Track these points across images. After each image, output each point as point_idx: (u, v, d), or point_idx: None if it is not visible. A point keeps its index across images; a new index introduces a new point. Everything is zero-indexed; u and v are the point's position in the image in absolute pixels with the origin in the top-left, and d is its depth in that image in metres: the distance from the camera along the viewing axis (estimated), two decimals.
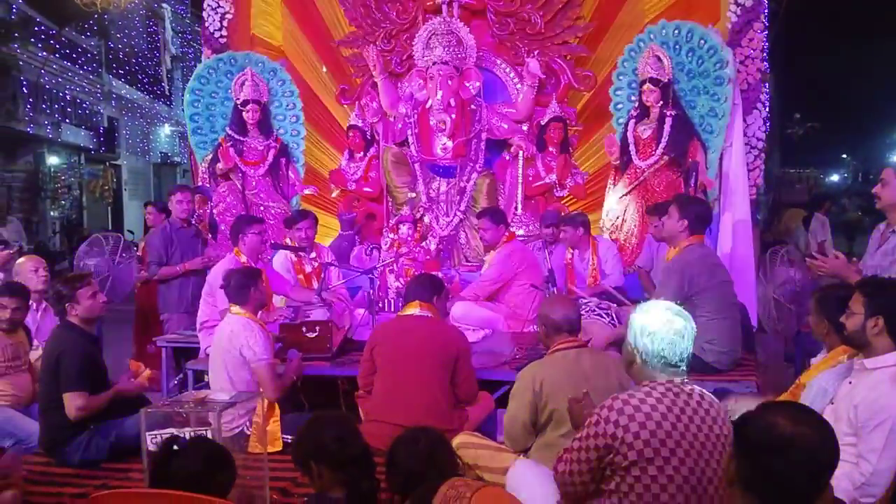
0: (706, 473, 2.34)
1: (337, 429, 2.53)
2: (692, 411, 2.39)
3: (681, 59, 6.58)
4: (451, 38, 6.84)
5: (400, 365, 3.89)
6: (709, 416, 2.41)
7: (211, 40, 7.86)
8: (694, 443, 2.34)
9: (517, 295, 5.65)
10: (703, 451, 2.35)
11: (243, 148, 7.16)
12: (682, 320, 2.56)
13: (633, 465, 2.31)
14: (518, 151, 7.04)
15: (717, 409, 2.47)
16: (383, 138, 7.31)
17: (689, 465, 2.31)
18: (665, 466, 2.30)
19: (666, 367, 2.49)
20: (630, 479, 2.31)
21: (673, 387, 2.44)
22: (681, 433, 2.34)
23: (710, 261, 4.76)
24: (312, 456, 2.56)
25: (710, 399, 2.48)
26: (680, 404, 2.39)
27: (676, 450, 2.31)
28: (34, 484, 3.57)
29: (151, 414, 3.09)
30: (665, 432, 2.32)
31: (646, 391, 2.43)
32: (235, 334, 4.08)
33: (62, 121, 15.33)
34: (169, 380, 5.62)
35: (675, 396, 2.41)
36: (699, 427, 2.37)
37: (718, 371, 4.48)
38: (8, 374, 4.35)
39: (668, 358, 2.49)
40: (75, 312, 3.97)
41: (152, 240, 6.31)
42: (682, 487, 2.29)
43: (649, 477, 2.30)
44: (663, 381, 2.45)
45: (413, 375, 3.85)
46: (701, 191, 6.50)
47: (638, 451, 2.30)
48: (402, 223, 6.66)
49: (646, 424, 2.32)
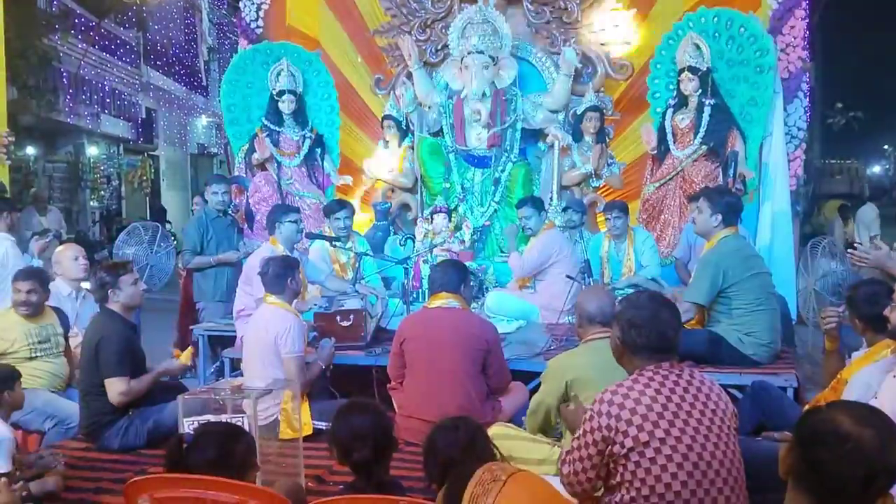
0: (706, 448, 2.35)
1: (359, 424, 2.54)
2: (682, 391, 2.41)
3: (720, 47, 6.48)
4: (486, 27, 6.79)
5: (431, 360, 3.89)
6: (701, 394, 2.43)
7: (247, 31, 7.91)
8: (689, 421, 2.36)
9: (553, 285, 5.61)
10: (700, 427, 2.37)
11: (279, 138, 7.20)
12: (668, 310, 2.59)
13: (631, 452, 2.32)
14: (553, 141, 6.98)
15: (710, 386, 2.49)
16: (418, 128, 7.29)
17: (686, 442, 2.33)
18: (662, 447, 2.31)
19: (653, 356, 2.51)
20: (631, 467, 2.33)
21: (660, 370, 2.46)
22: (673, 413, 2.36)
23: (746, 252, 4.71)
24: (331, 440, 2.61)
25: (699, 378, 2.50)
26: (669, 385, 2.41)
27: (671, 430, 2.33)
28: (74, 469, 3.62)
29: (188, 401, 3.11)
30: (656, 415, 2.34)
31: (633, 379, 2.46)
32: (270, 324, 4.10)
33: (101, 112, 15.52)
34: (206, 368, 5.67)
35: (662, 379, 2.43)
36: (692, 405, 2.39)
37: (757, 364, 4.42)
38: (38, 356, 4.42)
39: (657, 347, 2.51)
40: (117, 299, 4.03)
41: (188, 229, 6.37)
42: (683, 465, 2.30)
43: (648, 460, 2.31)
44: (651, 367, 2.47)
45: (444, 371, 3.85)
46: (740, 181, 6.41)
47: (633, 438, 2.33)
48: (436, 213, 6.64)
49: (636, 410, 2.35)
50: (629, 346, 2.55)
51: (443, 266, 4.21)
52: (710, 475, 2.33)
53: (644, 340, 2.51)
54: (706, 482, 2.32)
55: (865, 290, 3.34)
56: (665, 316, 2.56)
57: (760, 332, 4.44)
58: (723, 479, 2.35)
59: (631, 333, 2.54)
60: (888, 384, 2.95)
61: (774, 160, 6.52)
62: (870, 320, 3.21)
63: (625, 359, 2.60)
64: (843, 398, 3.24)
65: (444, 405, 3.72)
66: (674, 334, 2.55)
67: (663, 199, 6.65)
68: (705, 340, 4.46)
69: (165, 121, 19.37)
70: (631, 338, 2.54)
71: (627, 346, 2.56)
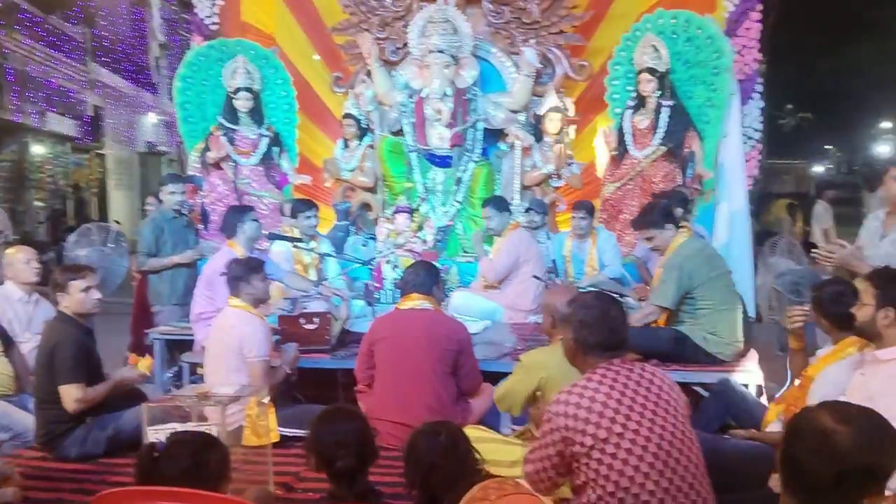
0: (664, 438, 2.39)
1: (343, 431, 2.48)
2: (635, 385, 2.46)
3: (678, 48, 6.54)
4: (446, 26, 6.76)
5: (401, 362, 3.84)
6: (654, 386, 2.49)
7: (201, 27, 7.76)
8: (644, 413, 2.41)
9: (518, 285, 5.61)
10: (656, 418, 2.41)
11: (235, 137, 7.08)
12: (616, 307, 2.67)
13: (592, 449, 2.36)
14: (515, 141, 6.98)
15: (661, 378, 2.54)
16: (378, 127, 7.23)
17: (643, 434, 2.37)
18: (621, 442, 2.35)
19: (605, 353, 2.56)
20: (594, 465, 2.36)
21: (612, 367, 2.51)
22: (628, 408, 2.40)
23: (708, 252, 4.80)
24: (310, 447, 2.53)
25: (650, 371, 2.56)
26: (622, 381, 2.46)
27: (628, 424, 2.37)
28: (31, 479, 3.49)
29: (153, 409, 3.02)
30: (613, 410, 2.38)
31: (587, 377, 2.50)
32: (235, 328, 4.00)
33: (47, 109, 15.13)
34: (163, 372, 5.54)
35: (615, 375, 2.48)
36: (646, 398, 2.44)
37: (722, 362, 4.46)
38: None
39: (608, 345, 2.57)
40: (65, 304, 3.90)
41: (143, 230, 6.20)
42: (644, 457, 2.34)
43: (609, 456, 2.34)
44: (603, 364, 2.52)
45: (414, 373, 3.80)
46: (698, 181, 6.49)
47: (592, 436, 2.36)
48: (398, 213, 6.59)
49: (592, 408, 2.38)
50: (582, 346, 2.61)
51: (415, 267, 4.16)
52: (671, 463, 2.37)
53: (596, 338, 2.57)
54: (668, 471, 2.36)
55: (831, 290, 3.39)
56: (614, 313, 2.64)
57: (724, 331, 4.49)
58: (683, 465, 2.39)
59: (583, 333, 2.59)
60: (855, 381, 2.99)
61: (731, 160, 6.60)
62: (836, 319, 3.25)
63: (578, 359, 2.65)
64: (809, 395, 3.29)
65: (414, 407, 3.68)
66: (623, 330, 2.64)
67: (623, 200, 6.69)
68: (670, 339, 4.49)
69: (113, 119, 18.93)
70: (583, 337, 2.59)
71: (580, 346, 2.61)
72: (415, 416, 3.57)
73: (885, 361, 2.87)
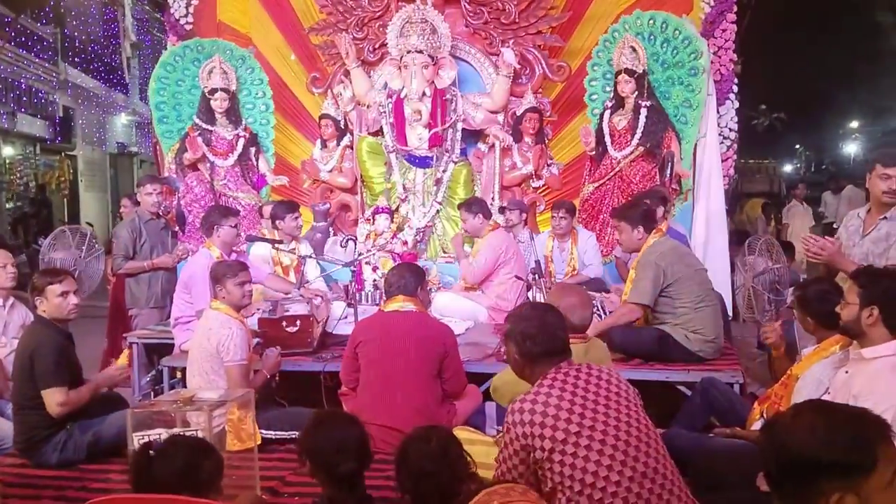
0: (621, 430, 2.45)
1: (342, 437, 2.46)
2: (584, 384, 2.53)
3: (655, 49, 6.58)
4: (425, 26, 6.73)
5: (386, 364, 3.81)
6: (602, 382, 2.57)
7: (176, 27, 7.66)
8: (597, 409, 2.47)
9: (501, 285, 5.61)
10: (609, 412, 2.48)
11: (211, 137, 7.02)
12: (552, 313, 2.75)
13: (553, 453, 2.39)
14: (494, 142, 6.98)
15: (608, 373, 2.62)
16: (357, 127, 7.19)
17: (600, 429, 2.42)
18: (580, 441, 2.39)
19: (552, 359, 2.62)
20: (557, 468, 2.39)
21: (560, 370, 2.57)
22: (581, 407, 2.46)
23: (681, 250, 4.88)
24: (307, 453, 2.50)
25: (597, 369, 2.63)
26: (571, 382, 2.53)
27: (583, 422, 2.42)
28: (11, 486, 3.43)
29: (137, 414, 2.97)
30: (567, 412, 2.43)
31: (538, 384, 2.56)
32: (212, 331, 3.95)
33: (17, 110, 14.89)
34: (141, 377, 5.47)
35: (564, 377, 2.55)
36: (597, 394, 2.51)
37: (703, 360, 4.49)
38: None
39: (552, 350, 2.64)
40: (43, 308, 3.84)
41: (120, 232, 6.12)
42: (604, 451, 2.39)
43: (570, 457, 2.38)
44: (551, 370, 2.58)
45: (400, 375, 3.77)
46: (676, 181, 6.53)
47: (550, 439, 2.40)
48: (378, 214, 6.56)
49: (547, 413, 2.43)
50: (528, 357, 2.66)
51: (399, 269, 4.13)
52: (632, 452, 2.42)
53: (540, 347, 2.63)
54: (630, 460, 2.40)
55: (816, 289, 3.42)
56: (552, 319, 2.71)
57: (705, 329, 4.52)
58: (644, 452, 2.44)
59: (527, 345, 2.65)
60: (839, 379, 3.02)
61: (709, 161, 6.64)
62: (821, 318, 3.28)
63: (527, 371, 2.69)
64: (794, 394, 3.32)
65: (400, 409, 3.67)
66: (563, 334, 2.71)
67: (602, 200, 6.71)
68: (653, 339, 4.52)
69: (84, 119, 18.69)
70: (528, 349, 2.65)
71: (527, 358, 2.67)
72: (401, 418, 3.56)
73: (870, 360, 2.90)
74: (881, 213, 4.01)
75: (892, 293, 2.91)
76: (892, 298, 2.90)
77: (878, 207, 4.04)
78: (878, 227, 4.00)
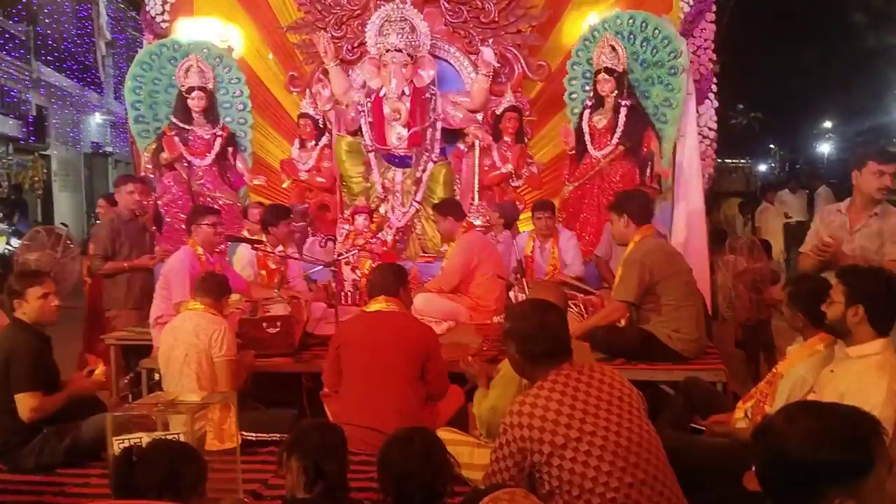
0: (622, 435, 2.42)
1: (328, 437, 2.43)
2: (586, 387, 2.49)
3: (635, 48, 6.58)
4: (404, 24, 6.68)
5: (368, 365, 3.78)
6: (605, 385, 2.52)
7: (153, 25, 7.58)
8: (598, 413, 2.43)
9: (480, 285, 5.58)
10: (611, 416, 2.44)
11: (189, 137, 6.93)
12: (553, 312, 2.68)
13: (552, 457, 2.36)
14: (474, 141, 6.96)
15: (610, 375, 2.58)
16: (336, 127, 7.14)
17: (600, 434, 2.39)
18: (579, 445, 2.36)
19: (552, 360, 2.56)
20: (556, 472, 2.36)
21: (561, 372, 2.52)
22: (582, 411, 2.42)
23: (667, 249, 4.87)
24: (291, 448, 2.46)
25: (599, 370, 2.59)
26: (573, 385, 2.48)
27: (584, 427, 2.38)
28: None
29: (118, 418, 2.91)
30: (567, 416, 2.39)
31: (538, 386, 2.50)
32: (202, 328, 3.93)
33: None
34: (119, 379, 5.39)
35: (566, 380, 2.50)
36: (598, 398, 2.47)
37: (687, 360, 4.49)
38: None
39: (553, 351, 2.58)
40: (22, 311, 3.78)
41: (99, 232, 6.04)
42: (604, 456, 2.36)
43: (570, 461, 2.35)
44: (552, 372, 2.53)
45: (382, 376, 3.74)
46: (656, 181, 6.54)
47: (550, 443, 2.37)
48: (357, 214, 6.52)
49: (547, 416, 2.39)
50: (528, 358, 2.60)
51: (381, 269, 4.10)
52: (632, 458, 2.39)
53: (541, 348, 2.58)
54: (630, 466, 2.37)
55: (810, 286, 3.38)
56: (552, 318, 2.65)
57: (688, 328, 4.52)
58: (644, 458, 2.41)
59: (527, 344, 2.59)
60: (825, 378, 3.02)
61: (688, 160, 6.64)
62: (812, 315, 3.26)
63: (526, 371, 2.64)
64: (778, 392, 3.32)
65: (383, 411, 3.63)
66: (565, 334, 2.64)
67: (582, 199, 6.71)
68: (636, 338, 4.52)
69: (58, 118, 18.47)
70: (528, 348, 2.59)
71: (527, 358, 2.61)
72: (383, 420, 3.53)
73: (856, 359, 2.91)
74: (869, 209, 4.02)
75: (876, 292, 2.92)
76: (877, 297, 2.91)
77: (866, 203, 4.04)
78: (869, 223, 4.01)
